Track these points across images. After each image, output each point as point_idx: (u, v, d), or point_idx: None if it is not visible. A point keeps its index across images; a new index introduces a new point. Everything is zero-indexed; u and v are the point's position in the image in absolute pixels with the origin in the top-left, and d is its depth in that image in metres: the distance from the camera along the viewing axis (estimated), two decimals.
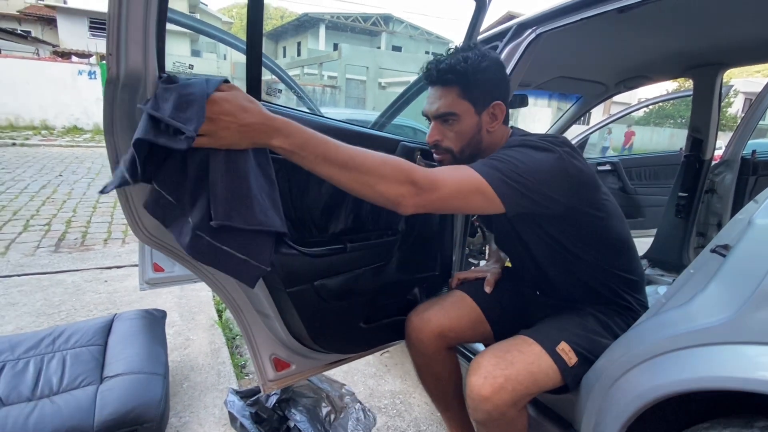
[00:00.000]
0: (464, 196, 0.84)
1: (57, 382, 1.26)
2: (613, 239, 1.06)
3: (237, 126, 0.69)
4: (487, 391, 0.88)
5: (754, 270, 0.67)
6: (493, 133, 1.03)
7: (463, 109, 0.99)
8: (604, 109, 15.56)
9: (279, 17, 48.07)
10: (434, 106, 1.01)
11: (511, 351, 0.94)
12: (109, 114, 0.82)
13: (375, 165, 0.78)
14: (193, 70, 12.52)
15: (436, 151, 1.06)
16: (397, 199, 0.79)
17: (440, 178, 0.83)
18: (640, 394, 0.82)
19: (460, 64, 0.95)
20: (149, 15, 0.72)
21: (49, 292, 2.45)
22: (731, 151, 2.33)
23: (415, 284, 1.38)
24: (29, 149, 7.93)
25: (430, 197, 0.81)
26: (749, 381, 0.64)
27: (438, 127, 1.02)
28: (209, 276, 1.03)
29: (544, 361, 0.93)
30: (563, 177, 0.91)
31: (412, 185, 0.79)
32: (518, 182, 0.86)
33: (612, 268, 1.07)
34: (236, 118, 0.69)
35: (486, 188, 0.84)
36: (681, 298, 0.81)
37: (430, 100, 1.02)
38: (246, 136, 0.71)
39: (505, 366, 0.90)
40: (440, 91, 1.00)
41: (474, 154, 1.02)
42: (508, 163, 0.87)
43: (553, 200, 0.91)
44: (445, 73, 0.97)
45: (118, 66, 0.75)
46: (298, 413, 1.33)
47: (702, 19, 1.50)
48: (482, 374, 0.90)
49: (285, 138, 0.72)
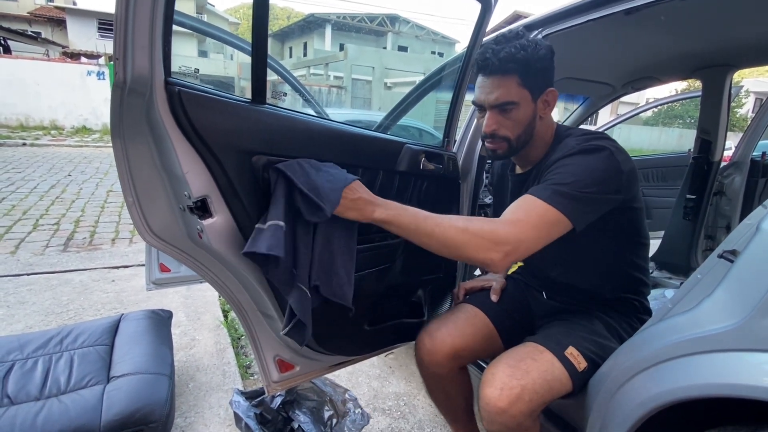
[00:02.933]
0: (545, 235, 0.89)
1: (65, 382, 1.28)
2: (637, 235, 1.07)
3: (350, 200, 0.90)
4: (504, 402, 0.86)
5: (762, 276, 0.66)
6: (544, 119, 1.04)
7: (522, 97, 0.98)
8: (612, 109, 15.45)
9: (285, 17, 48.23)
10: (493, 95, 0.99)
11: (524, 360, 0.93)
12: (117, 117, 0.83)
13: (457, 234, 0.87)
14: (200, 72, 12.63)
15: (491, 141, 1.04)
16: (486, 262, 0.86)
17: (521, 230, 0.87)
18: (646, 401, 0.81)
19: (519, 52, 0.94)
20: (155, 20, 0.73)
21: (58, 291, 2.48)
22: (740, 152, 2.30)
23: (419, 286, 1.37)
24: (39, 149, 8.03)
25: (517, 254, 0.87)
26: (757, 389, 0.64)
27: (495, 117, 1.01)
28: (214, 277, 1.04)
29: (557, 368, 0.92)
30: (618, 174, 0.93)
31: (499, 249, 0.85)
32: (584, 200, 0.89)
33: (628, 267, 1.08)
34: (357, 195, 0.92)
35: (560, 218, 0.88)
36: (688, 304, 0.80)
37: (486, 89, 0.99)
38: (355, 207, 0.91)
39: (520, 376, 0.89)
40: (499, 80, 0.98)
41: (527, 141, 1.04)
42: (571, 183, 0.89)
43: (612, 200, 0.94)
44: (506, 62, 0.95)
45: (124, 70, 0.76)
46: (302, 414, 1.34)
47: (710, 20, 1.49)
48: (498, 386, 0.88)
49: (384, 210, 0.91)
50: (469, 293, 1.31)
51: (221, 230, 0.89)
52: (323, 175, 0.90)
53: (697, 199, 2.20)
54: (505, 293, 1.25)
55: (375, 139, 1.17)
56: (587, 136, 0.99)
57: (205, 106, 0.81)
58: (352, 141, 1.09)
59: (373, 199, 0.93)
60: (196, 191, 0.84)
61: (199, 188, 0.85)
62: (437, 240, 0.89)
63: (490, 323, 1.17)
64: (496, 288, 1.24)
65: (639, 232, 1.07)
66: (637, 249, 1.09)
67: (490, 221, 0.89)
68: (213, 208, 0.87)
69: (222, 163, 0.84)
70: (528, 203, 0.90)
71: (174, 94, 0.77)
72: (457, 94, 1.35)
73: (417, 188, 1.26)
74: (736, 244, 0.75)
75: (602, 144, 0.94)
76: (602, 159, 0.92)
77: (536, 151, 1.07)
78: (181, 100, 0.77)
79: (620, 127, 20.42)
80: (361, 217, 0.92)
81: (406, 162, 1.20)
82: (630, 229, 1.05)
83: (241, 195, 0.88)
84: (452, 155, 1.37)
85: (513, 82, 0.97)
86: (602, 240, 1.03)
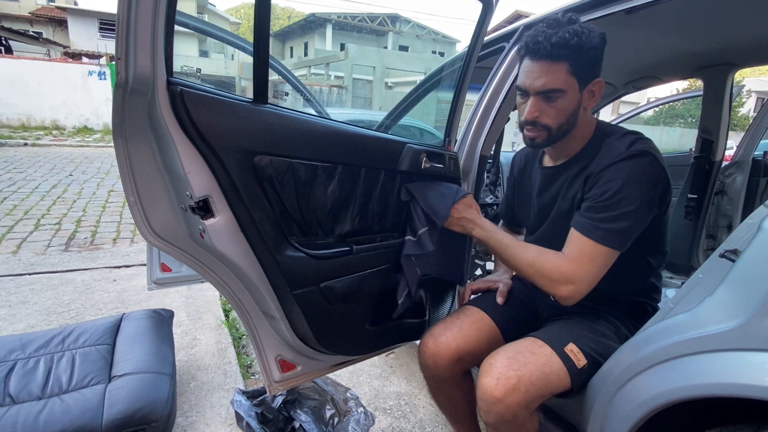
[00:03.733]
0: (603, 269, 0.96)
1: (66, 381, 1.28)
2: (661, 244, 1.07)
3: (456, 219, 1.14)
4: (500, 392, 0.87)
5: (763, 276, 0.66)
6: (587, 110, 1.01)
7: (569, 86, 0.94)
8: (613, 109, 15.43)
9: (286, 17, 48.21)
10: (540, 81, 0.94)
11: (523, 352, 0.93)
12: (119, 117, 0.83)
13: (527, 267, 1.01)
14: (201, 72, 12.66)
15: (531, 128, 1.00)
16: (559, 295, 0.97)
17: (584, 268, 0.94)
18: (647, 400, 0.81)
19: (573, 38, 0.90)
20: (157, 20, 0.73)
21: (59, 291, 2.49)
22: (742, 152, 2.30)
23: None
24: (40, 149, 8.04)
25: (584, 289, 0.95)
26: (758, 389, 0.64)
27: (538, 103, 0.97)
28: (216, 277, 1.04)
29: (555, 363, 0.93)
30: (662, 182, 0.94)
31: (568, 284, 0.95)
32: (633, 228, 0.93)
33: (649, 274, 1.08)
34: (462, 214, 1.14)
35: (611, 253, 0.95)
36: (689, 303, 0.80)
37: (532, 74, 0.95)
38: (459, 224, 1.14)
39: (518, 367, 0.89)
40: (548, 65, 0.93)
41: (568, 131, 1.01)
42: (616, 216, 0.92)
43: (651, 209, 0.95)
44: (558, 48, 0.90)
45: (126, 70, 0.76)
46: (304, 414, 1.34)
47: (712, 20, 1.48)
48: (495, 375, 0.89)
49: (481, 230, 1.11)
50: (475, 294, 1.31)
51: (223, 230, 0.90)
52: (435, 194, 1.18)
53: (698, 198, 2.20)
54: (511, 295, 1.24)
55: (376, 138, 1.17)
56: (631, 137, 0.97)
57: (207, 105, 0.81)
58: (353, 141, 1.09)
59: (475, 218, 1.13)
60: (198, 191, 0.85)
61: (201, 188, 0.85)
62: (514, 267, 1.07)
63: (495, 327, 1.16)
64: (502, 290, 1.23)
65: (662, 238, 1.06)
66: (657, 254, 1.08)
67: (556, 257, 0.98)
68: (215, 208, 0.87)
69: (224, 163, 0.84)
70: (582, 244, 0.95)
71: (176, 93, 0.77)
72: (458, 94, 1.35)
73: None
74: (737, 243, 0.75)
75: (645, 148, 0.93)
76: (648, 167, 0.92)
77: (574, 144, 1.05)
78: (183, 100, 0.78)
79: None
80: (464, 232, 1.14)
81: (407, 162, 1.20)
82: (654, 236, 1.03)
83: (243, 195, 0.88)
84: (453, 155, 1.37)
85: (563, 68, 0.93)
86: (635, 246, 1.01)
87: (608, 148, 0.97)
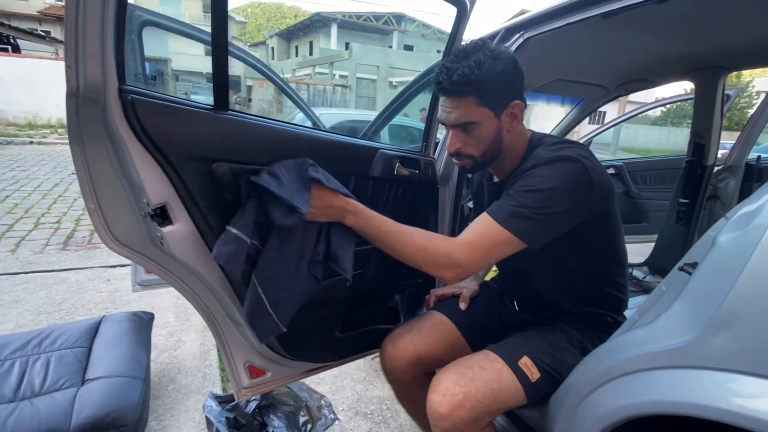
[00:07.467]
0: (497, 253, 0.92)
1: (39, 384, 1.28)
2: (614, 252, 1.04)
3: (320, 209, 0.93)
4: (445, 408, 0.86)
5: (714, 293, 0.64)
6: (513, 131, 1.00)
7: (482, 116, 0.94)
8: (619, 108, 15.27)
9: (293, 16, 48.30)
10: (452, 115, 0.96)
11: (472, 367, 0.92)
12: (75, 124, 0.83)
13: (416, 252, 0.93)
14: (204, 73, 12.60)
15: (458, 159, 1.02)
16: (444, 277, 0.93)
17: (474, 252, 0.91)
18: (606, 414, 0.80)
19: (474, 72, 0.89)
20: (105, 25, 0.72)
21: (53, 290, 2.51)
22: (736, 156, 2.26)
23: (395, 292, 1.36)
24: (45, 147, 8.13)
25: (471, 269, 0.92)
26: (707, 409, 0.62)
27: (457, 135, 0.98)
28: (181, 284, 1.04)
29: (506, 378, 0.91)
30: (587, 188, 0.89)
31: (455, 266, 0.90)
32: (541, 221, 0.88)
33: (604, 285, 1.06)
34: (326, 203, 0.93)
35: (511, 239, 0.89)
36: (650, 317, 0.78)
37: (446, 109, 0.96)
38: (328, 215, 0.94)
39: (465, 383, 0.88)
40: (456, 101, 0.94)
41: (495, 155, 1.01)
42: (530, 203, 0.88)
43: (577, 216, 0.92)
44: (460, 85, 0.91)
45: (77, 79, 0.75)
46: (277, 419, 1.34)
47: (702, 23, 1.45)
48: (441, 391, 0.88)
49: (354, 217, 0.95)
50: (440, 300, 1.30)
51: (182, 237, 0.89)
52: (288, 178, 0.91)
53: (690, 203, 2.17)
54: (475, 301, 1.23)
55: (346, 144, 1.16)
56: (558, 145, 0.96)
57: (161, 113, 0.81)
58: (320, 147, 1.08)
59: (344, 203, 0.95)
60: (154, 198, 0.84)
61: (158, 196, 0.84)
62: (399, 255, 0.94)
63: (457, 330, 1.16)
64: (465, 296, 1.23)
65: (616, 248, 1.04)
66: (614, 266, 1.06)
67: (447, 241, 0.93)
68: (173, 215, 0.87)
69: (178, 170, 0.83)
70: (485, 225, 0.92)
71: (127, 102, 0.77)
72: (435, 99, 1.34)
73: (392, 194, 1.25)
74: (698, 256, 0.73)
75: (572, 154, 0.90)
76: (570, 171, 0.88)
77: (509, 162, 1.04)
78: (134, 108, 0.77)
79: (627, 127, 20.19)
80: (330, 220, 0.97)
81: (379, 167, 1.19)
82: (606, 245, 1.02)
83: (201, 203, 0.88)
84: (430, 160, 1.36)
85: (471, 102, 0.93)
86: (577, 254, 1.01)
87: (534, 156, 0.95)
